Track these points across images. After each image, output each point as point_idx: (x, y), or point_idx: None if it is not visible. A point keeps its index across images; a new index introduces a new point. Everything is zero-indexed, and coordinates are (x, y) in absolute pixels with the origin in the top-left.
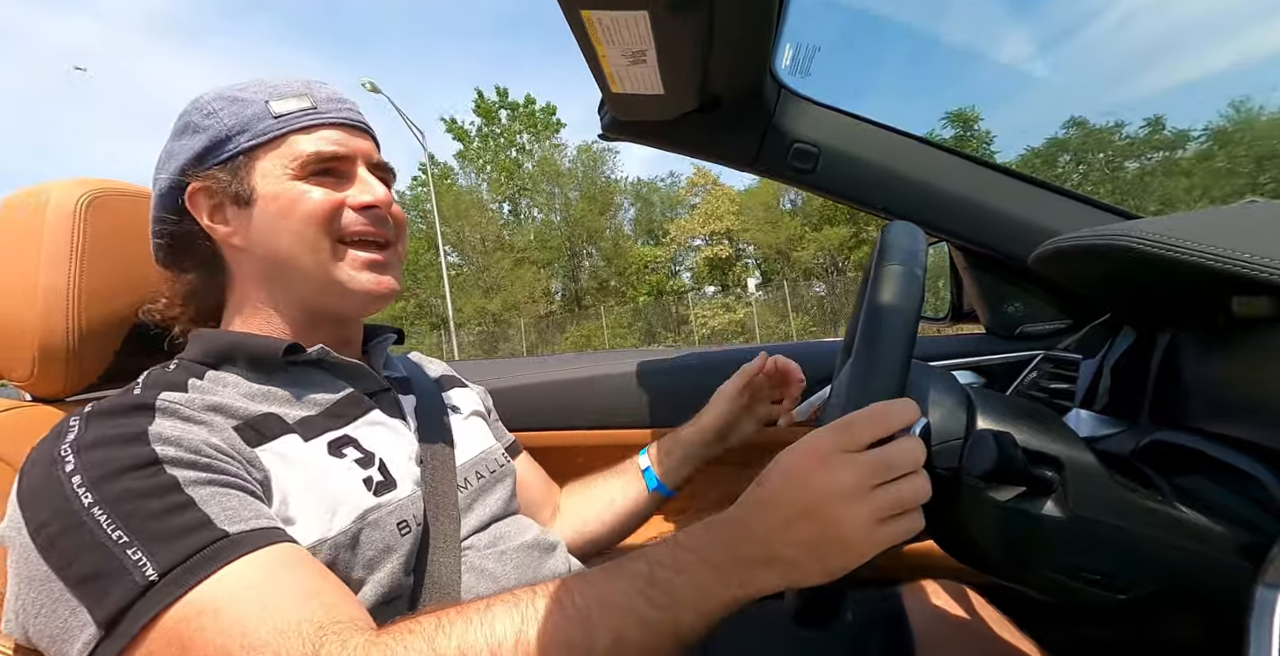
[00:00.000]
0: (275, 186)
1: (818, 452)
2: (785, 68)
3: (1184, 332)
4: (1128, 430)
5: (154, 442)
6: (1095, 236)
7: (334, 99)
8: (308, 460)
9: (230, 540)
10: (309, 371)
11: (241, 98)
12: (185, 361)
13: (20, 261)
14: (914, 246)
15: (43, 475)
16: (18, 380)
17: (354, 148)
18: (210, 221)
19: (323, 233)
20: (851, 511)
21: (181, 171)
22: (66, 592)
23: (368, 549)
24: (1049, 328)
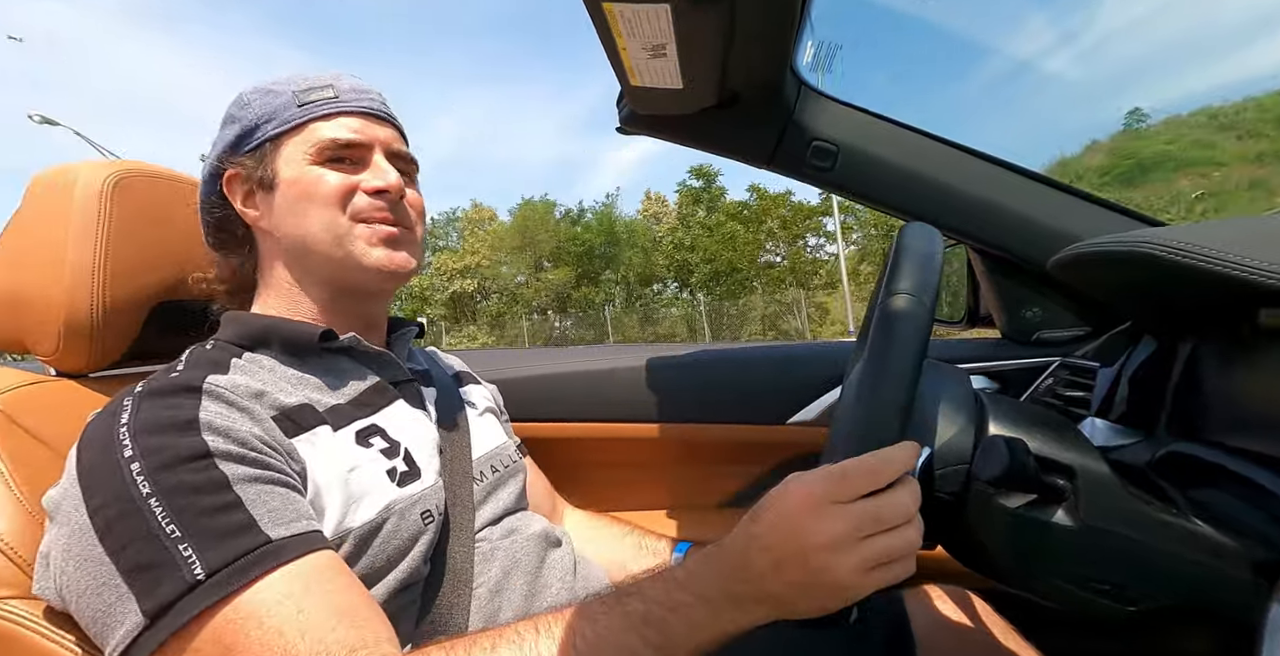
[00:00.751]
0: (295, 171)
1: (810, 500)
2: (807, 64)
3: (1206, 343)
4: (1144, 441)
5: (204, 432)
6: (1117, 243)
7: (357, 89)
8: (337, 451)
9: (273, 546)
10: (339, 358)
11: (274, 89)
12: (222, 342)
13: (48, 238)
14: (927, 262)
15: (102, 456)
16: (43, 354)
17: (372, 135)
18: (243, 206)
19: (338, 213)
20: (842, 561)
21: (219, 159)
22: (117, 577)
23: (392, 538)
24: (1066, 334)
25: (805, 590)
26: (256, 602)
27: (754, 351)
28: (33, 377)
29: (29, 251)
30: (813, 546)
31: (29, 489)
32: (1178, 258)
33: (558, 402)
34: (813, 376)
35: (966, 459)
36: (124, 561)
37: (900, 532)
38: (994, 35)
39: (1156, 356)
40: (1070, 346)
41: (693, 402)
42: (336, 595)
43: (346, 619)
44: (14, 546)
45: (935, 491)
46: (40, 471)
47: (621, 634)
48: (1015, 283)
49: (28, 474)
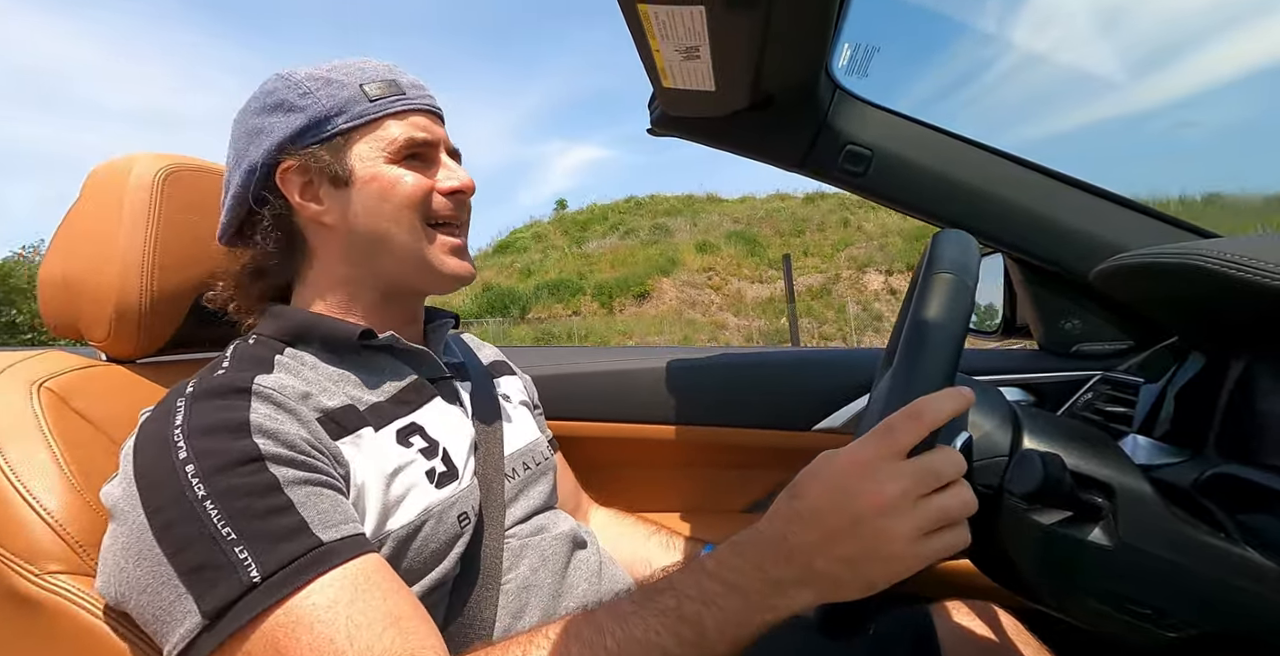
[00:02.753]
0: (372, 168)
1: (859, 461)
2: (842, 67)
3: (1261, 361)
4: (1190, 460)
5: (255, 435)
6: (1164, 254)
7: (417, 85)
8: (379, 452)
9: (325, 548)
10: (378, 356)
11: (335, 79)
12: (264, 337)
13: (103, 228)
14: (965, 257)
15: (157, 457)
16: (96, 340)
17: (437, 133)
18: (301, 199)
19: (416, 215)
20: (898, 524)
21: (278, 148)
22: (175, 578)
23: (430, 541)
24: (1108, 348)
25: (856, 565)
26: (308, 607)
27: (780, 355)
28: (85, 361)
29: (85, 241)
30: (868, 510)
31: (79, 469)
32: (1231, 271)
33: (579, 401)
34: (840, 383)
35: (1004, 452)
36: (182, 562)
37: (956, 491)
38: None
39: (1205, 373)
40: (1111, 360)
41: (716, 405)
42: (384, 601)
43: (394, 626)
44: (63, 524)
45: (973, 482)
46: (90, 452)
47: (654, 632)
48: (1054, 293)
49: (78, 455)
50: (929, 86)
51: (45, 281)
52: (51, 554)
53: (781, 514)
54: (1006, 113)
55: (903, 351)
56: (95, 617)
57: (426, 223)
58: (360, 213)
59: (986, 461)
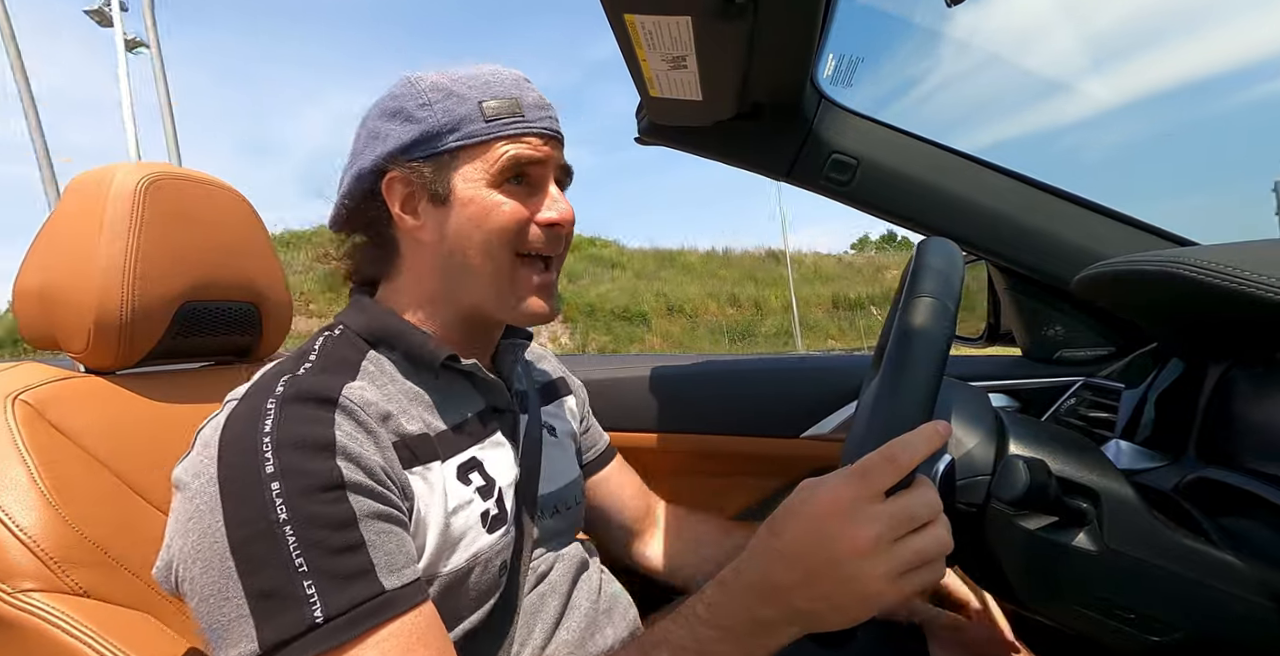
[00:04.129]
0: (472, 191)
1: (836, 503)
2: (827, 78)
3: (1239, 367)
4: (1171, 465)
5: (339, 457)
6: (1145, 262)
7: (539, 105)
8: (442, 487)
9: (386, 597)
10: (455, 379)
11: (456, 92)
12: (349, 332)
13: (82, 238)
14: (948, 272)
15: (245, 465)
16: (74, 351)
17: (549, 155)
18: (401, 210)
19: (506, 246)
20: (874, 567)
21: (388, 158)
22: (241, 596)
23: (473, 588)
24: (1090, 354)
25: (836, 603)
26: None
27: (769, 363)
28: (62, 373)
29: (64, 250)
30: (845, 553)
31: (54, 484)
32: (1209, 278)
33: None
34: (829, 390)
35: (988, 471)
36: (252, 583)
37: (931, 531)
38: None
39: (1185, 378)
40: (1093, 366)
41: (706, 414)
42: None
43: None
44: (37, 540)
45: (955, 502)
46: (66, 467)
47: None
48: (1037, 300)
49: (54, 469)
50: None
51: (21, 292)
52: (25, 571)
53: (763, 553)
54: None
55: (882, 381)
56: (71, 637)
57: (516, 253)
58: (453, 234)
59: (970, 480)
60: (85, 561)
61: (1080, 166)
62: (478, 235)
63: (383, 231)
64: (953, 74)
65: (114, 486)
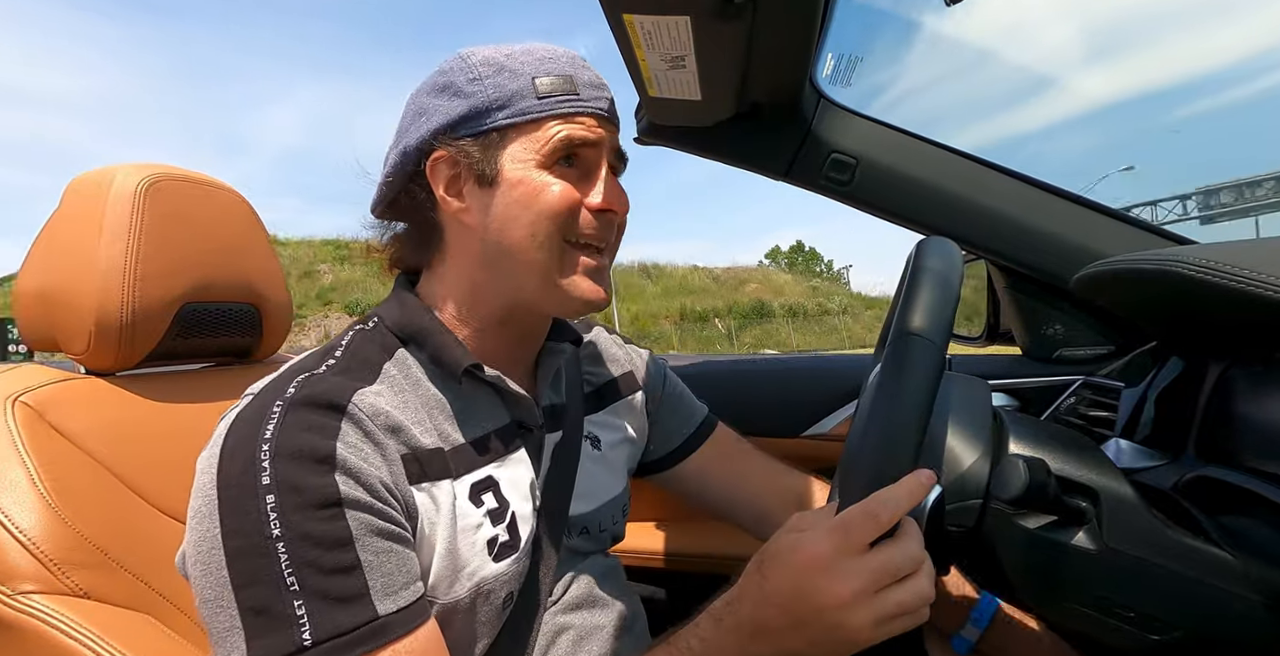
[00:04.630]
0: (521, 172)
1: (819, 560)
2: (826, 77)
3: (1239, 365)
4: (1170, 463)
5: (338, 473)
6: (1144, 260)
7: (595, 84)
8: (450, 506)
9: (379, 623)
10: (480, 388)
11: (509, 67)
12: (382, 327)
13: (82, 240)
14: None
15: (241, 474)
16: (74, 353)
17: (603, 137)
18: (445, 192)
19: (555, 231)
20: (856, 617)
21: (434, 135)
22: (234, 608)
23: (476, 616)
24: (1089, 353)
25: (822, 646)
26: None
27: (769, 363)
28: (63, 375)
29: (64, 252)
30: (828, 606)
31: (54, 486)
32: (1208, 277)
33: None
34: (829, 389)
35: (981, 493)
36: (244, 597)
37: (912, 583)
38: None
39: (1184, 377)
40: (1093, 365)
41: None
42: None
43: None
44: (37, 542)
45: (947, 525)
46: (67, 468)
47: None
48: (1037, 299)
49: (54, 471)
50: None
51: (21, 294)
52: (24, 573)
53: (753, 593)
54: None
55: (867, 427)
56: (71, 638)
57: (566, 239)
58: (499, 217)
59: (960, 505)
60: (85, 563)
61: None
62: (525, 217)
63: (426, 215)
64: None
65: (114, 488)
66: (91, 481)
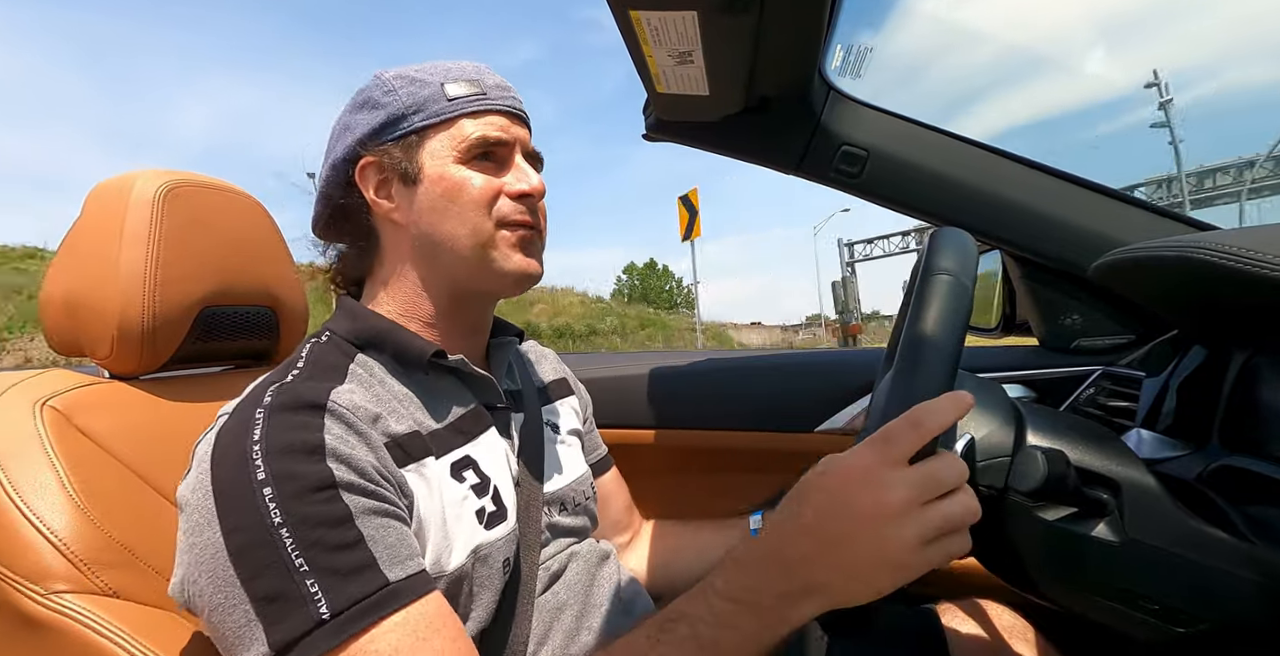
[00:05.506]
0: (441, 168)
1: (860, 469)
2: (835, 69)
3: (1263, 353)
4: (1194, 454)
5: (329, 459)
6: (1164, 247)
7: (501, 86)
8: (437, 484)
9: (391, 589)
10: (444, 377)
11: (419, 78)
12: (336, 337)
13: (104, 245)
14: (963, 255)
15: (236, 474)
16: (98, 357)
17: (514, 135)
18: (375, 195)
19: (482, 217)
20: (901, 532)
21: (359, 144)
22: (247, 602)
23: (475, 584)
24: (1108, 342)
25: (859, 572)
26: (371, 653)
27: (782, 358)
28: (88, 379)
29: (86, 258)
30: (871, 517)
31: (83, 488)
32: (1230, 263)
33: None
34: (843, 384)
35: (1007, 453)
36: (255, 588)
37: (959, 497)
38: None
39: (1207, 366)
40: (1112, 355)
41: (719, 409)
42: (443, 650)
43: None
44: (68, 543)
45: (977, 484)
46: (95, 471)
47: None
48: (1053, 288)
49: (82, 474)
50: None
51: (47, 300)
52: (57, 573)
53: (782, 525)
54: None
55: (901, 355)
56: (102, 637)
57: (493, 224)
58: (427, 210)
59: (989, 462)
60: (114, 562)
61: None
62: (452, 209)
63: (361, 222)
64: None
65: (139, 488)
66: (118, 483)
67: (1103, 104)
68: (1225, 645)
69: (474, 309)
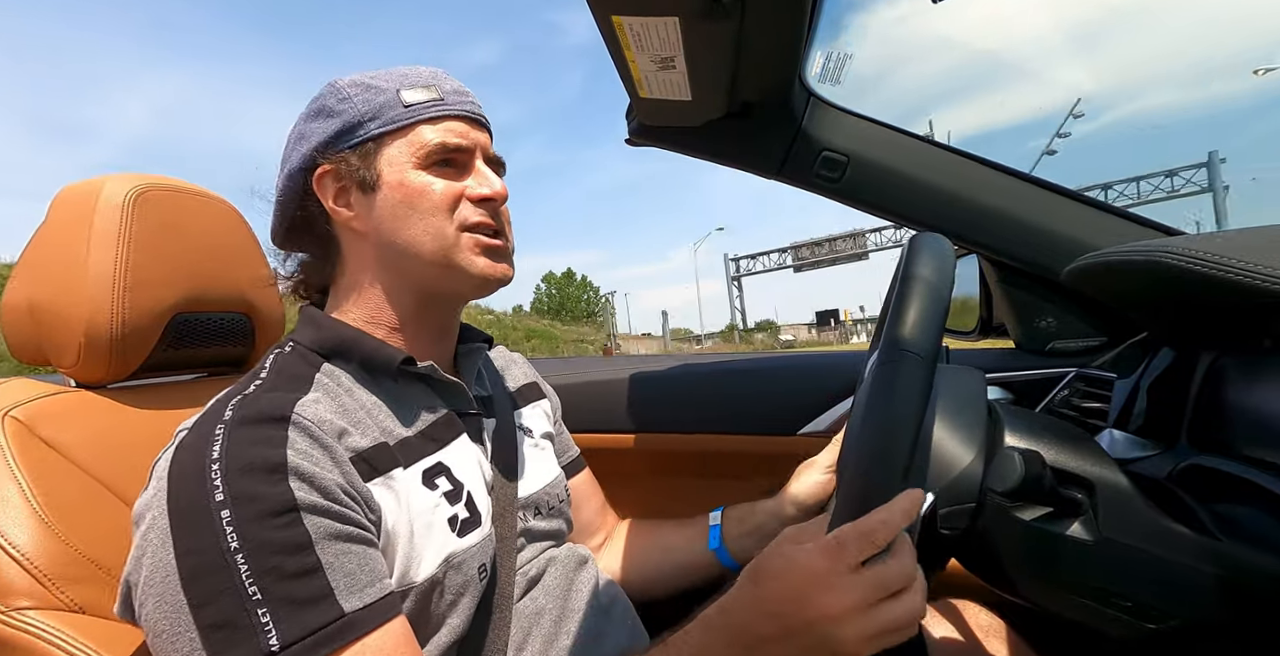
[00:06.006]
0: (399, 175)
1: (814, 574)
2: (815, 75)
3: (1228, 354)
4: (1164, 453)
5: (292, 480)
6: (1133, 251)
7: (459, 91)
8: (406, 495)
9: (346, 620)
10: (412, 384)
11: (375, 85)
12: (301, 347)
13: (70, 251)
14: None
15: (194, 494)
16: (64, 366)
17: (474, 140)
18: (334, 204)
19: (444, 222)
20: (848, 632)
21: (315, 152)
22: (193, 629)
23: (450, 592)
24: (1082, 345)
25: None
26: None
27: (765, 361)
28: (53, 388)
29: (52, 264)
30: (820, 619)
31: (47, 501)
32: (1196, 267)
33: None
34: (825, 387)
35: (973, 497)
36: (203, 615)
37: (905, 599)
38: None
39: (1175, 367)
40: (1086, 357)
41: (701, 413)
42: None
43: None
44: (31, 558)
45: (940, 529)
46: (59, 482)
47: None
48: (1029, 292)
49: (46, 486)
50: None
51: (9, 307)
52: (19, 589)
53: (745, 605)
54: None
55: (858, 446)
56: (66, 654)
57: (456, 229)
58: (387, 218)
59: (953, 509)
60: (80, 577)
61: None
62: (413, 216)
63: (321, 231)
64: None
65: (107, 501)
66: (85, 495)
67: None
68: (1194, 640)
69: (440, 314)
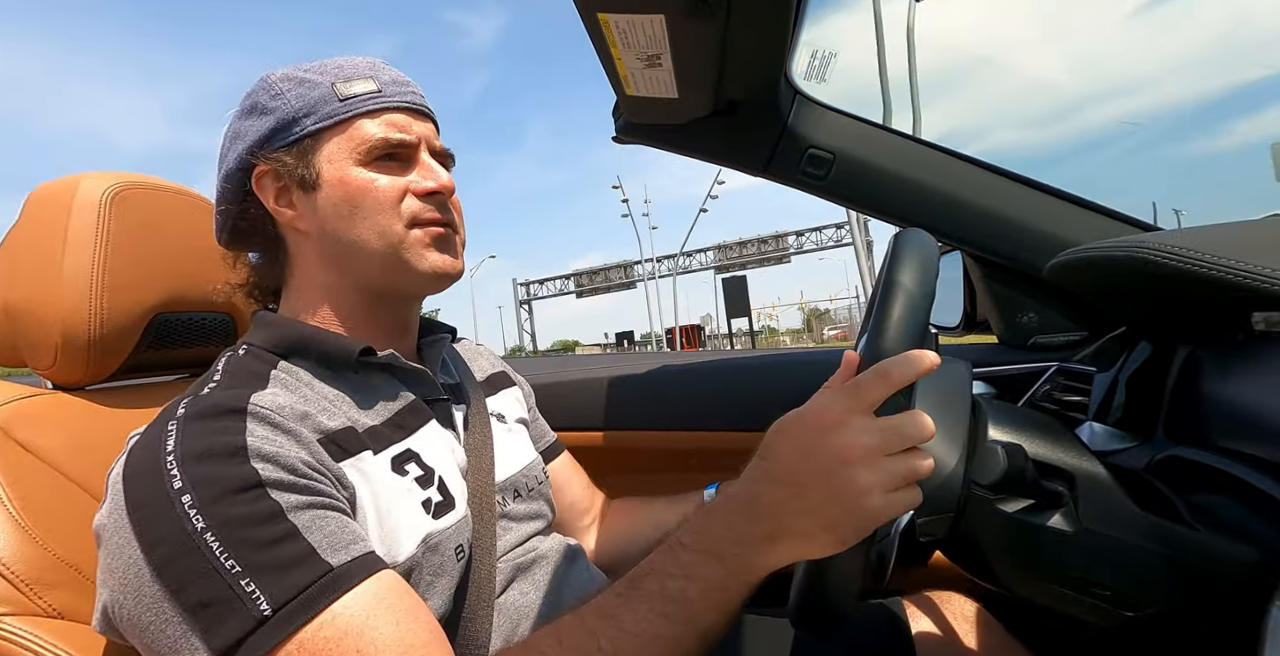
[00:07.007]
0: (340, 172)
1: (829, 415)
2: (801, 73)
3: (1203, 347)
4: (1142, 445)
5: (254, 460)
6: (1112, 247)
7: (398, 82)
8: (378, 479)
9: (334, 574)
10: (375, 375)
11: (309, 79)
12: (256, 348)
13: (46, 250)
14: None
15: (150, 488)
16: (41, 368)
17: (417, 132)
18: (276, 204)
19: (391, 218)
20: (866, 476)
21: (249, 152)
22: (178, 615)
23: (428, 574)
24: (1063, 339)
25: (824, 517)
26: (321, 641)
27: (757, 358)
28: (29, 391)
29: (26, 264)
30: (838, 462)
31: (23, 505)
32: (1172, 262)
33: (556, 410)
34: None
35: (952, 507)
36: (185, 599)
37: (921, 454)
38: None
39: (1153, 360)
40: (1067, 351)
41: (694, 409)
42: (397, 626)
43: (410, 653)
44: (8, 564)
45: (918, 537)
46: (36, 486)
47: (646, 622)
48: (1011, 288)
49: (23, 490)
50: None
51: None
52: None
53: (751, 475)
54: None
55: (872, 316)
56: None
57: (403, 224)
58: (331, 217)
59: (930, 518)
60: (58, 582)
61: None
62: (358, 214)
63: (266, 232)
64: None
65: (86, 505)
66: (62, 499)
67: None
68: (1170, 627)
69: (395, 311)
